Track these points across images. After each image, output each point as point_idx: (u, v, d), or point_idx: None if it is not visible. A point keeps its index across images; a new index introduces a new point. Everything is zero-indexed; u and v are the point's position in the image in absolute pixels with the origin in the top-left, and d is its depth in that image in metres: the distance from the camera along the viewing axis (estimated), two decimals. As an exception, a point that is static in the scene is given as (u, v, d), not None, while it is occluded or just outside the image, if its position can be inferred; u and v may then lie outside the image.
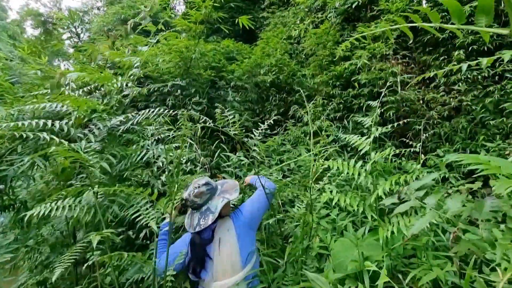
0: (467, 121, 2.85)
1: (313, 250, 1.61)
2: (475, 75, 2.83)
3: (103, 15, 6.43)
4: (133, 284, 1.49)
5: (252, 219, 1.40)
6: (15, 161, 1.83)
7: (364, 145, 1.81)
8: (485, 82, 2.83)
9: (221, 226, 1.33)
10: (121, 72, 2.68)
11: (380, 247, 1.38)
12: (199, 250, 1.26)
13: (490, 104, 2.72)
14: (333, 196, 1.62)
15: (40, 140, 2.02)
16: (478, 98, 2.84)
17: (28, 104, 1.98)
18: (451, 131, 2.98)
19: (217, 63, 4.13)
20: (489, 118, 2.72)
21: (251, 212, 1.41)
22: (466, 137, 2.81)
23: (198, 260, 1.26)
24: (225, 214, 1.39)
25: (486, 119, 2.75)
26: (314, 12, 4.94)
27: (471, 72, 2.87)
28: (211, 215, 1.28)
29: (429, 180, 0.71)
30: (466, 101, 2.83)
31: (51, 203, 1.36)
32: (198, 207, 1.32)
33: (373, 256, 1.22)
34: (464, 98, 2.86)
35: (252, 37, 6.41)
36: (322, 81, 3.95)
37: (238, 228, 1.33)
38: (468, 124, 2.83)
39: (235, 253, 1.26)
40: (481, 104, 2.78)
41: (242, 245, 1.28)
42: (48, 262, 1.95)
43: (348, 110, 3.60)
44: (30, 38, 7.49)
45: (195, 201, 1.32)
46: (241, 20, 3.29)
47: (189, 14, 3.16)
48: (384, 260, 1.24)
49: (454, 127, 2.96)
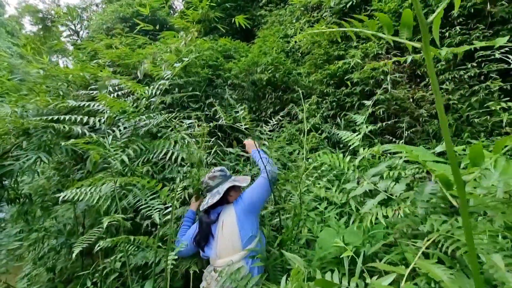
0: (454, 119, 2.97)
1: (302, 239, 1.74)
2: (461, 75, 2.94)
3: (102, 13, 6.48)
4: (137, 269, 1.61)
5: (252, 204, 1.51)
6: (21, 156, 1.93)
7: (354, 141, 1.93)
8: (471, 82, 2.94)
9: (226, 211, 1.50)
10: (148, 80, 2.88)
11: (361, 235, 1.50)
12: (205, 227, 1.45)
13: (476, 102, 2.84)
14: (322, 187, 1.74)
15: (43, 137, 2.13)
16: (464, 97, 2.96)
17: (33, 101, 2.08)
18: (439, 128, 3.10)
19: (215, 61, 4.21)
20: (475, 116, 2.84)
21: (251, 197, 1.53)
22: (452, 134, 2.93)
23: (202, 236, 1.44)
24: (233, 199, 1.55)
25: (472, 117, 2.86)
26: (310, 11, 5.02)
27: (458, 71, 2.98)
28: (218, 195, 1.47)
29: (382, 168, 0.83)
30: (453, 99, 2.95)
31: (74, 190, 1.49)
32: (210, 189, 1.53)
33: (354, 243, 1.34)
34: (451, 97, 2.98)
35: (250, 35, 6.48)
36: (317, 80, 4.05)
37: (238, 212, 1.48)
38: (455, 121, 2.95)
39: (235, 234, 1.41)
40: (467, 103, 2.90)
41: (241, 227, 1.42)
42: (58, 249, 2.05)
43: (341, 108, 3.71)
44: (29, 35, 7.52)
45: (209, 183, 1.55)
46: (238, 19, 3.38)
47: (187, 14, 3.24)
48: (364, 246, 1.36)
49: (442, 125, 3.07)
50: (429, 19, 0.50)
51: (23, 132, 2.17)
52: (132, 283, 1.80)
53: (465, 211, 0.43)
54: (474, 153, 0.46)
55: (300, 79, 4.37)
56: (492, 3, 2.92)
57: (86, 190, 1.61)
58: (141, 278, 1.89)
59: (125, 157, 1.73)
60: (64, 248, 2.04)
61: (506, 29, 2.92)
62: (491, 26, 3.02)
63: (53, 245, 2.25)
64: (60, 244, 2.07)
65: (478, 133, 2.77)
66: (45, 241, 2.35)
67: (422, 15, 0.45)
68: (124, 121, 2.04)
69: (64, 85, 2.44)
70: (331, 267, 1.30)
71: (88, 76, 2.45)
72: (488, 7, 2.92)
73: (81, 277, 1.95)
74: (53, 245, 2.27)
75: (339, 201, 1.99)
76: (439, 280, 0.50)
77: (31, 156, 1.86)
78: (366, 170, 2.46)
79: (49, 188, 3.01)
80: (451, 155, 0.44)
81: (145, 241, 1.29)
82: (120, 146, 1.88)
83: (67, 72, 2.39)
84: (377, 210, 1.53)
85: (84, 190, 1.61)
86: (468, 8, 3.06)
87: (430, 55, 0.45)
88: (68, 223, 2.31)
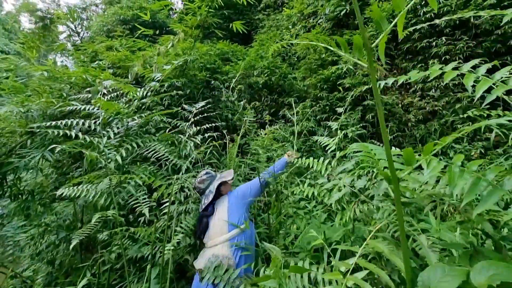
0: (439, 124, 3.12)
1: (291, 235, 1.87)
2: (447, 83, 3.10)
3: (102, 15, 6.58)
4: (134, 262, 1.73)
5: (243, 195, 1.68)
6: (26, 154, 2.04)
7: (331, 145, 2.07)
8: (455, 89, 3.10)
9: (220, 201, 1.66)
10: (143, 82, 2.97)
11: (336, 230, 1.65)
12: (204, 224, 1.58)
13: (460, 109, 2.99)
14: (305, 188, 1.87)
15: (47, 136, 2.23)
16: (449, 103, 3.11)
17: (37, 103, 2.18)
18: (426, 133, 3.25)
19: (212, 64, 4.34)
20: (458, 122, 2.99)
21: (244, 191, 1.71)
22: (437, 138, 3.08)
23: (202, 230, 1.57)
24: (226, 192, 1.71)
25: (456, 123, 3.01)
26: (306, 17, 5.16)
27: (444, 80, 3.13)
28: (211, 194, 1.63)
29: (349, 165, 0.96)
30: (439, 106, 3.10)
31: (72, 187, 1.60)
32: (202, 192, 1.68)
33: (333, 237, 1.47)
34: (437, 103, 3.13)
35: (248, 38, 6.62)
36: (311, 84, 4.19)
37: (230, 200, 1.65)
38: (440, 127, 3.10)
39: (225, 218, 1.56)
40: (452, 109, 3.05)
41: (230, 213, 1.58)
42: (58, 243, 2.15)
43: (334, 112, 3.85)
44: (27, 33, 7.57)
45: (200, 187, 1.69)
46: (235, 25, 3.50)
47: (185, 19, 3.36)
48: (343, 240, 1.49)
49: (428, 130, 3.22)
50: (373, 44, 0.63)
51: (27, 132, 2.27)
52: (129, 275, 1.91)
53: (398, 200, 0.56)
54: (407, 156, 0.59)
55: (295, 83, 4.51)
56: (476, 16, 3.08)
57: (83, 187, 1.71)
58: (138, 271, 2.01)
59: (119, 157, 1.82)
60: (64, 243, 2.14)
61: (489, 40, 3.08)
62: (475, 37, 3.18)
63: (52, 240, 2.35)
64: (60, 239, 2.17)
65: (461, 138, 2.92)
66: (45, 236, 2.44)
67: (367, 43, 0.58)
68: (117, 122, 2.14)
69: (66, 86, 2.54)
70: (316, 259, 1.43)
71: (89, 78, 2.56)
72: (472, 19, 3.08)
73: (80, 270, 2.06)
74: (51, 240, 2.37)
75: (326, 200, 2.13)
76: (381, 252, 0.63)
77: (36, 154, 1.97)
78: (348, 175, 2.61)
79: (47, 186, 3.10)
80: (388, 156, 0.57)
81: (143, 232, 1.40)
82: (114, 145, 1.97)
83: (69, 74, 2.50)
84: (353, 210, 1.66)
85: (81, 187, 1.71)
86: (454, 19, 3.22)
87: (374, 73, 0.58)
88: (67, 219, 2.41)
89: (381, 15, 0.53)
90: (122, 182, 1.78)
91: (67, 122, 1.82)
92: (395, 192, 0.56)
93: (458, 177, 0.59)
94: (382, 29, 0.61)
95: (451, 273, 0.54)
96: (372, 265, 0.59)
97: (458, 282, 0.50)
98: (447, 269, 0.55)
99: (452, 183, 0.57)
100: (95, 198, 1.59)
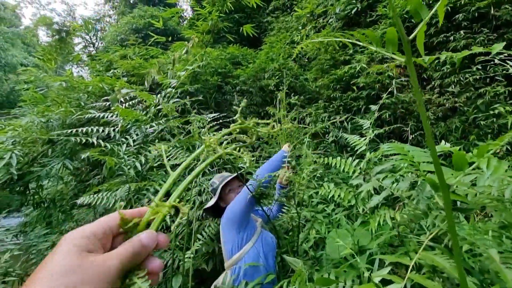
0: (460, 121, 2.99)
1: (310, 241, 1.81)
2: (467, 78, 2.97)
3: (115, 25, 6.77)
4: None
5: (233, 217, 1.43)
6: (47, 163, 2.09)
7: (361, 145, 2.00)
8: (477, 84, 2.96)
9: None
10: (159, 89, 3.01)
11: (369, 236, 1.57)
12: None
13: (482, 105, 2.86)
14: (330, 190, 1.82)
15: (67, 145, 2.28)
16: (471, 99, 2.98)
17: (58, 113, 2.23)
18: (446, 131, 3.12)
19: (223, 68, 4.36)
20: (481, 119, 2.85)
21: (231, 208, 1.46)
22: (459, 136, 2.96)
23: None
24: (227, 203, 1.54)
25: (478, 119, 2.88)
26: (316, 17, 5.12)
27: (464, 74, 3.01)
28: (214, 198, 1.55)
29: (388, 166, 0.90)
30: (459, 102, 2.97)
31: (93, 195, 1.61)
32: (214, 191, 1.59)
33: (363, 243, 1.41)
34: (457, 99, 3.00)
35: (258, 40, 6.63)
36: (323, 85, 4.13)
37: (222, 223, 1.46)
38: (461, 124, 2.97)
39: (222, 244, 1.43)
40: (474, 105, 2.92)
41: (225, 239, 1.41)
42: None
43: (348, 112, 3.77)
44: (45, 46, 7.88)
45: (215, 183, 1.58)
46: (245, 28, 3.51)
47: (196, 25, 3.39)
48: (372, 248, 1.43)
49: (449, 127, 3.10)
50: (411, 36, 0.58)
51: (48, 141, 2.33)
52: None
53: (448, 210, 0.51)
54: (457, 160, 0.55)
55: (307, 84, 4.46)
56: (496, 7, 2.95)
57: (103, 195, 1.73)
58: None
59: (138, 164, 1.84)
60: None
61: (511, 32, 2.94)
62: (496, 29, 3.04)
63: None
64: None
65: (485, 135, 2.79)
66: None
67: (404, 35, 0.53)
68: (135, 129, 2.17)
69: (84, 95, 2.60)
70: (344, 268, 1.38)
71: (106, 87, 2.61)
72: (492, 10, 2.95)
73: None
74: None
75: (346, 203, 2.06)
76: (442, 268, 0.57)
77: (57, 162, 2.01)
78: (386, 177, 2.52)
79: (67, 193, 3.18)
80: (435, 161, 0.53)
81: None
82: (132, 152, 2.00)
83: (87, 83, 2.55)
84: (385, 212, 1.60)
85: (101, 195, 1.73)
86: (472, 12, 3.10)
87: (413, 68, 0.54)
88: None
89: (419, 1, 0.49)
90: (141, 189, 1.79)
91: (86, 130, 1.85)
92: (444, 200, 0.51)
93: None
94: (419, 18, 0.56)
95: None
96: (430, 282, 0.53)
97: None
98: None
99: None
100: (115, 205, 1.60)
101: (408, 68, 0.55)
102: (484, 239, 0.87)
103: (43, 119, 2.26)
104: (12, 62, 14.24)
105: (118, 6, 9.44)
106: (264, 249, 1.42)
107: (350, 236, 1.59)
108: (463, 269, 0.46)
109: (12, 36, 15.20)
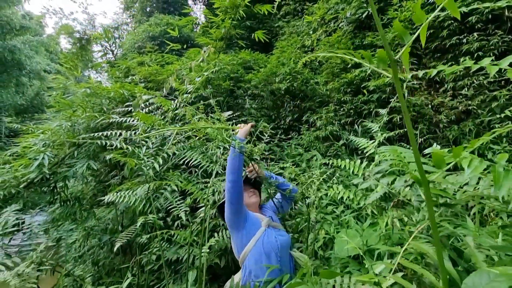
0: (474, 124, 2.96)
1: (320, 240, 1.87)
2: (481, 81, 2.94)
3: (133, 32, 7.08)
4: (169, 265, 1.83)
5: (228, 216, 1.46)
6: (74, 164, 2.25)
7: (370, 148, 2.05)
8: (491, 87, 2.93)
9: None
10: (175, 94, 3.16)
11: (378, 236, 1.62)
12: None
13: (497, 108, 2.82)
14: (339, 191, 1.87)
15: (91, 147, 2.45)
16: (485, 102, 2.94)
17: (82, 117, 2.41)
18: (460, 134, 3.09)
19: (235, 73, 4.48)
20: (496, 122, 2.81)
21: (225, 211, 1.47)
22: (473, 139, 2.92)
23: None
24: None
25: (493, 122, 2.84)
26: (327, 21, 5.16)
27: (478, 77, 2.98)
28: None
29: (385, 166, 0.96)
30: (473, 105, 2.95)
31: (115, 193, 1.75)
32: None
33: (372, 244, 1.46)
34: (471, 102, 2.98)
35: (269, 45, 6.74)
36: (334, 88, 4.16)
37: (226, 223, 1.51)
38: (476, 127, 2.94)
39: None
40: (488, 108, 2.88)
41: (233, 239, 1.48)
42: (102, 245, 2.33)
43: (358, 115, 3.79)
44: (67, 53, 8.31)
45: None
46: (257, 34, 3.61)
47: (209, 32, 3.53)
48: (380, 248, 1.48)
49: (462, 131, 3.07)
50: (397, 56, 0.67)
51: (74, 143, 2.51)
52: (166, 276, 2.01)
53: (429, 201, 0.57)
54: (436, 158, 0.61)
55: (318, 88, 4.51)
56: (511, 8, 2.91)
57: (124, 194, 1.86)
58: (173, 273, 2.11)
59: (156, 165, 1.96)
60: (107, 245, 2.32)
61: (527, 33, 2.90)
62: (511, 31, 3.00)
63: (95, 243, 2.56)
64: (104, 241, 2.36)
65: (500, 138, 2.75)
66: (89, 239, 2.66)
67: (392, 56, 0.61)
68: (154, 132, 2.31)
69: (106, 101, 2.78)
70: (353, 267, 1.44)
71: (126, 93, 2.77)
72: (506, 12, 2.92)
73: (120, 271, 2.21)
74: (94, 243, 2.57)
75: (355, 205, 2.11)
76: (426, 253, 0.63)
77: (82, 163, 2.17)
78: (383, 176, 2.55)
79: (87, 192, 3.37)
80: (417, 159, 0.60)
81: (181, 235, 1.49)
82: (151, 154, 2.14)
83: (108, 89, 2.73)
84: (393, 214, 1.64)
85: (123, 194, 1.86)
86: (486, 14, 3.07)
87: (398, 82, 0.61)
88: (109, 223, 2.61)
89: (403, 29, 0.57)
90: (159, 188, 1.91)
91: (110, 133, 2.00)
92: (425, 194, 0.58)
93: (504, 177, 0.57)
94: (404, 41, 0.64)
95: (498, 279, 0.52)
96: (416, 265, 0.59)
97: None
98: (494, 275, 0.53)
99: (498, 184, 0.56)
100: (135, 204, 1.72)
101: (394, 83, 0.62)
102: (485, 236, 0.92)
103: (70, 123, 2.43)
104: (36, 69, 15.05)
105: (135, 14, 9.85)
106: (266, 248, 1.39)
107: (359, 236, 1.65)
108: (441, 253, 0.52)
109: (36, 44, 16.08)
